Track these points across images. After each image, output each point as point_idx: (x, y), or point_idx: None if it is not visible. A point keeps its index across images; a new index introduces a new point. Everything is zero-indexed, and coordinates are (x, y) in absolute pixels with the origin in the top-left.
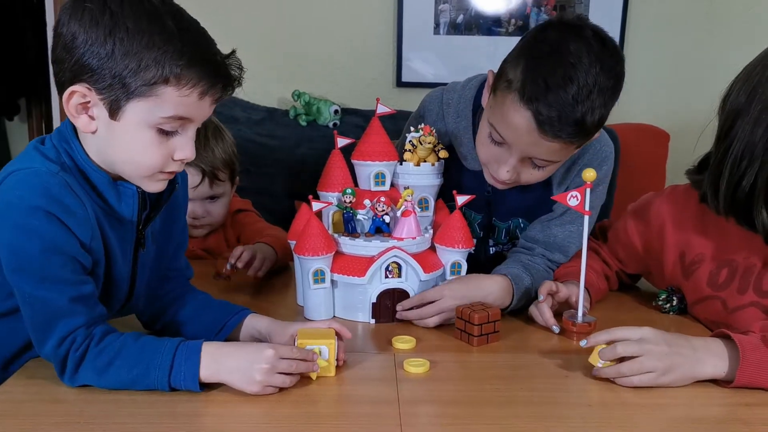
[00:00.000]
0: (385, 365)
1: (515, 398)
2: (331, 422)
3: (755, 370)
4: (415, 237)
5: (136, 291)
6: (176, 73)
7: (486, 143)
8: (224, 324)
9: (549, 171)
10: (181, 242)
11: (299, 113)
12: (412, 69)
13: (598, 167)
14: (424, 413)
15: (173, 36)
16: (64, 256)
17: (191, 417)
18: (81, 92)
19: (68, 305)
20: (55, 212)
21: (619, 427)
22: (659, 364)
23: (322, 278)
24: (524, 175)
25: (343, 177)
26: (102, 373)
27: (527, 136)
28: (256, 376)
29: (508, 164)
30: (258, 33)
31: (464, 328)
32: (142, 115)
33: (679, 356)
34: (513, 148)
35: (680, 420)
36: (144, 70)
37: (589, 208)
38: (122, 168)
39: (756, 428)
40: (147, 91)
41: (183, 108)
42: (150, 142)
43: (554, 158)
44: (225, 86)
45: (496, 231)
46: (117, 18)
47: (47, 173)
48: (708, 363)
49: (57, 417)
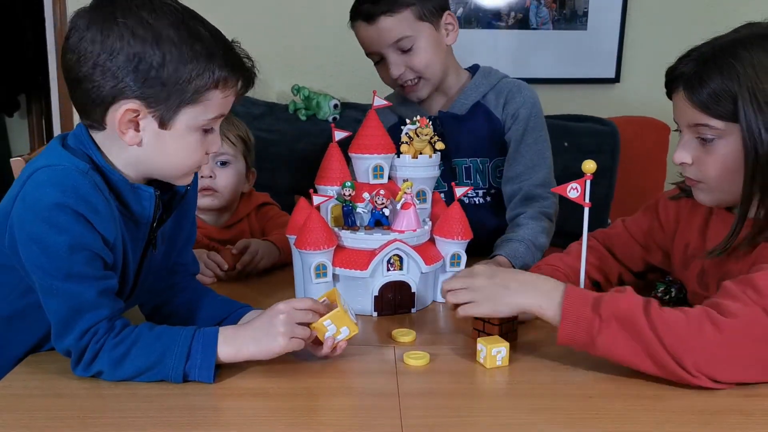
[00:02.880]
0: (385, 358)
1: (515, 390)
2: (332, 414)
3: (573, 329)
4: (416, 229)
5: (137, 290)
6: (223, 77)
7: (380, 71)
8: (225, 318)
9: (423, 49)
10: (189, 237)
11: (299, 108)
12: None
13: (519, 102)
14: (423, 405)
15: (209, 41)
16: (90, 253)
17: (191, 410)
18: (133, 108)
19: (96, 299)
20: (82, 211)
21: (618, 418)
22: (476, 294)
23: (324, 272)
24: (410, 63)
25: (341, 170)
26: (117, 365)
27: (370, 33)
28: (279, 328)
29: (391, 63)
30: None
31: (483, 329)
32: (192, 120)
33: (500, 288)
34: (379, 50)
35: (680, 411)
36: (196, 79)
37: (540, 137)
38: (161, 171)
39: (756, 419)
40: (197, 98)
41: (224, 107)
42: (196, 143)
43: (402, 33)
44: (251, 81)
45: (457, 174)
46: (157, 30)
47: (76, 171)
48: (531, 298)
49: (57, 411)
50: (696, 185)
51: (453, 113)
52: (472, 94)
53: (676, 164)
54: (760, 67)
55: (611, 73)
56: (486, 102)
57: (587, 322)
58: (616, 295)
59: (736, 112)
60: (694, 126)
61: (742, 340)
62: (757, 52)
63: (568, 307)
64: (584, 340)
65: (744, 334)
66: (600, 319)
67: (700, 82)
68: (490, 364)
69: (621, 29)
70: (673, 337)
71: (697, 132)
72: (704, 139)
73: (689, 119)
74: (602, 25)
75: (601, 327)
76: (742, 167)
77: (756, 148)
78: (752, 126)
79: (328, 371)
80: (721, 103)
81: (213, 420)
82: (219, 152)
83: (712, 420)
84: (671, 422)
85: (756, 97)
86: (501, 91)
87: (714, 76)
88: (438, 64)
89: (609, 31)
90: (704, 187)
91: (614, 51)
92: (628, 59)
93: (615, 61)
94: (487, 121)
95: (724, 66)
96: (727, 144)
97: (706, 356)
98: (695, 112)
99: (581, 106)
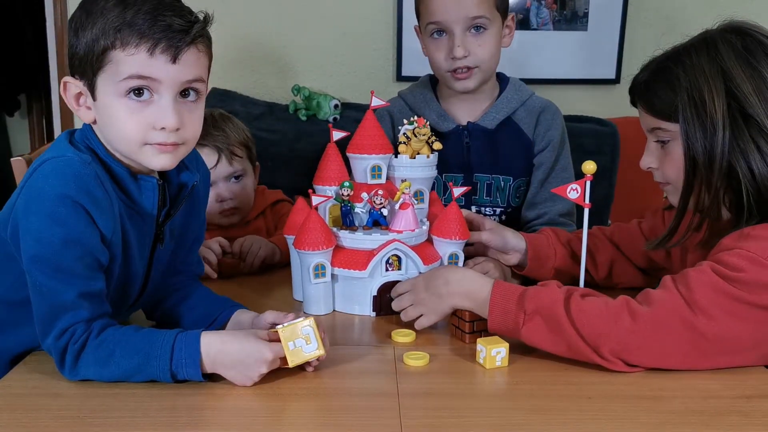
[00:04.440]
0: (384, 358)
1: (514, 391)
2: (331, 415)
3: (500, 320)
4: (414, 229)
5: (148, 287)
6: (117, 36)
7: (432, 47)
8: (216, 317)
9: (491, 38)
10: (198, 237)
11: (299, 108)
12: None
13: (551, 117)
14: (423, 406)
15: (116, 4)
16: (83, 249)
17: (190, 410)
18: (70, 82)
19: (75, 300)
20: (83, 203)
21: (618, 419)
22: (423, 308)
23: (323, 272)
24: (474, 48)
25: (339, 170)
26: (104, 365)
27: (450, 1)
28: (254, 377)
29: (456, 40)
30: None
31: (458, 325)
32: (108, 86)
33: (435, 296)
34: (451, 24)
35: (679, 412)
36: (94, 42)
37: (567, 163)
38: (118, 147)
39: (755, 420)
40: (103, 62)
41: (137, 66)
42: (125, 111)
43: (483, 12)
44: (172, 38)
45: (478, 190)
46: (84, 6)
47: (80, 162)
48: (460, 299)
49: (55, 411)
50: (665, 187)
51: (482, 126)
52: (504, 108)
53: (644, 169)
54: (699, 71)
55: (611, 74)
56: (516, 119)
57: (513, 315)
58: (539, 289)
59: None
60: (652, 130)
61: (656, 328)
62: (699, 57)
63: (495, 302)
64: (511, 331)
65: (657, 323)
66: (524, 313)
67: (650, 89)
68: (490, 365)
69: (621, 30)
70: (590, 327)
71: (656, 136)
72: (662, 141)
73: (648, 125)
74: (603, 26)
75: (525, 320)
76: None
77: (692, 148)
78: (689, 128)
79: (328, 372)
80: (668, 107)
81: (213, 420)
82: (233, 170)
83: (712, 421)
84: (670, 423)
85: (694, 100)
86: (532, 109)
87: (660, 83)
88: (496, 60)
89: (609, 32)
90: (671, 188)
91: (614, 52)
92: (628, 60)
93: (615, 62)
94: (517, 139)
95: (669, 72)
96: (679, 145)
97: (621, 344)
98: (650, 118)
99: (581, 107)
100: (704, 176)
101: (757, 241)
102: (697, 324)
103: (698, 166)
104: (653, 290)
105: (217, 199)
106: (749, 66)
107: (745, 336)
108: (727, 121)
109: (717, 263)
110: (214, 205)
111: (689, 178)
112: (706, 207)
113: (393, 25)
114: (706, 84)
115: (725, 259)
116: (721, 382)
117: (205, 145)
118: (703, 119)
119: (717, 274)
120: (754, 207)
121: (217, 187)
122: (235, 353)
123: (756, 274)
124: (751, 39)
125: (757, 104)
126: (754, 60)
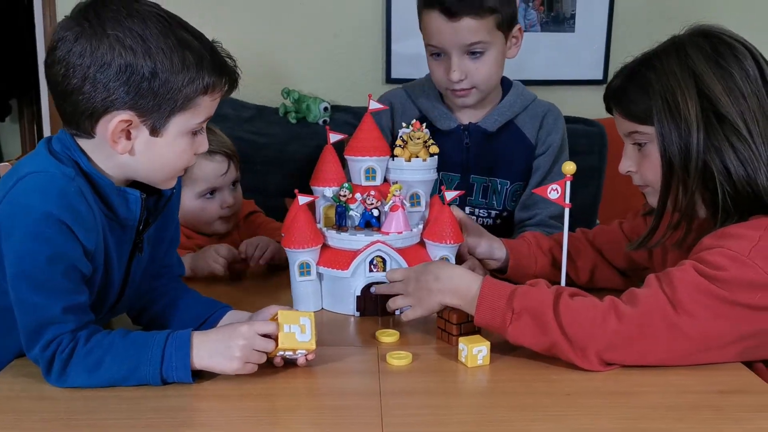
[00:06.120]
0: (368, 358)
1: (496, 389)
2: (312, 414)
3: (488, 316)
4: (401, 231)
5: (126, 294)
6: (212, 82)
7: (433, 64)
8: (206, 318)
9: (490, 60)
10: (174, 239)
11: (289, 111)
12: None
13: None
14: (405, 404)
15: (197, 47)
16: (67, 264)
17: (176, 411)
18: (126, 119)
19: (60, 314)
20: (66, 220)
21: (595, 414)
22: (410, 300)
23: (308, 271)
24: (472, 71)
25: (336, 172)
26: (93, 372)
27: (446, 28)
28: (235, 353)
29: (452, 65)
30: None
31: (444, 327)
32: (183, 126)
33: (425, 291)
34: (447, 48)
35: (655, 407)
36: (186, 87)
37: (560, 171)
38: (149, 176)
39: (728, 415)
40: (188, 105)
41: (212, 110)
42: (186, 146)
43: (480, 38)
44: (236, 82)
45: (473, 191)
46: (147, 40)
47: (63, 177)
48: (450, 296)
49: (42, 414)
50: (644, 190)
51: (483, 128)
52: (506, 112)
53: (623, 173)
54: (671, 74)
55: (599, 74)
56: (519, 123)
57: (501, 312)
58: (529, 288)
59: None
60: (629, 134)
61: (641, 328)
62: (670, 61)
63: (484, 297)
64: (497, 328)
65: (642, 323)
66: (512, 311)
67: (624, 95)
68: (472, 363)
69: (608, 31)
70: (578, 329)
71: (633, 139)
72: (639, 144)
73: (624, 129)
74: (589, 28)
75: (513, 319)
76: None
77: (668, 149)
78: (664, 130)
79: (311, 372)
80: (643, 111)
81: (196, 421)
82: (236, 176)
83: (686, 416)
84: (647, 418)
85: (667, 102)
86: (536, 113)
87: (634, 88)
88: (496, 77)
89: (596, 33)
90: (650, 190)
91: (602, 53)
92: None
93: (602, 62)
94: (518, 143)
95: (642, 78)
96: (656, 147)
97: (607, 346)
98: (626, 122)
99: (569, 108)
100: (680, 177)
101: (737, 239)
102: (680, 324)
103: (675, 167)
104: (638, 289)
105: (222, 206)
106: (719, 67)
107: (727, 334)
108: (700, 122)
109: (699, 262)
110: (218, 211)
111: (666, 178)
112: (683, 206)
113: (382, 28)
114: (678, 87)
115: (707, 258)
116: (696, 378)
117: (217, 152)
118: (678, 121)
119: (700, 274)
120: (731, 205)
121: (222, 194)
122: (214, 339)
123: (737, 272)
124: (718, 41)
125: (729, 104)
126: (723, 61)
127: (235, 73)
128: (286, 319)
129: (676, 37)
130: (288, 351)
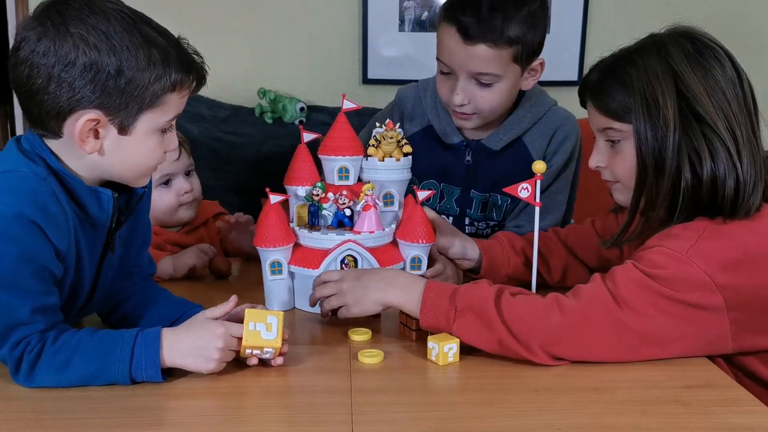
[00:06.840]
0: (339, 357)
1: (465, 385)
2: (283, 412)
3: (432, 317)
4: (374, 231)
5: (96, 294)
6: (179, 79)
7: (439, 79)
8: (177, 318)
9: (499, 91)
10: (145, 239)
11: (265, 111)
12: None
13: (564, 136)
14: (375, 402)
15: (163, 44)
16: (37, 265)
17: (146, 410)
18: (93, 118)
19: (29, 315)
20: (38, 221)
21: (563, 409)
22: (344, 298)
23: (280, 269)
24: (477, 98)
25: (309, 171)
26: (61, 372)
27: (458, 49)
28: (213, 355)
29: (458, 88)
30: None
31: (405, 322)
32: (151, 123)
33: (362, 288)
34: (456, 69)
35: (622, 402)
36: (154, 84)
37: (564, 186)
38: (120, 175)
39: (694, 409)
40: (155, 102)
41: (180, 107)
42: (155, 145)
43: (491, 69)
44: (203, 79)
45: (473, 205)
46: (112, 37)
47: (34, 177)
48: (391, 294)
49: (8, 414)
50: (613, 186)
51: (486, 146)
52: (513, 128)
53: (592, 168)
54: (651, 72)
55: (574, 75)
56: (527, 140)
57: (444, 311)
58: (471, 286)
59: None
60: (603, 130)
61: (584, 321)
62: (650, 59)
63: (427, 298)
64: (442, 328)
65: (585, 316)
66: (455, 309)
67: (601, 90)
68: (443, 361)
69: (582, 33)
70: (520, 322)
71: (606, 135)
72: (612, 141)
73: (598, 125)
74: (564, 29)
75: (456, 316)
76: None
77: (643, 148)
78: (641, 128)
79: (282, 370)
80: (621, 107)
81: (166, 420)
82: (186, 166)
83: (651, 410)
84: (612, 413)
85: (646, 100)
86: (547, 128)
87: (612, 83)
88: (502, 108)
89: (571, 35)
90: (619, 186)
91: (576, 54)
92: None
93: (577, 63)
94: (522, 162)
95: (621, 73)
96: (631, 144)
97: (550, 337)
98: (601, 118)
99: None
100: (654, 175)
101: (677, 239)
102: (623, 318)
103: (649, 165)
104: (583, 285)
105: (178, 193)
106: (701, 68)
107: (669, 329)
108: (678, 122)
109: (640, 261)
110: (174, 200)
111: (641, 176)
112: (647, 205)
113: (359, 29)
114: (659, 85)
115: (648, 256)
116: (663, 373)
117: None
118: (656, 120)
119: (640, 271)
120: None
121: (176, 182)
122: (188, 339)
123: (676, 270)
124: (700, 42)
125: (710, 105)
126: (706, 62)
127: (203, 69)
128: (253, 318)
129: (656, 35)
130: (254, 349)
